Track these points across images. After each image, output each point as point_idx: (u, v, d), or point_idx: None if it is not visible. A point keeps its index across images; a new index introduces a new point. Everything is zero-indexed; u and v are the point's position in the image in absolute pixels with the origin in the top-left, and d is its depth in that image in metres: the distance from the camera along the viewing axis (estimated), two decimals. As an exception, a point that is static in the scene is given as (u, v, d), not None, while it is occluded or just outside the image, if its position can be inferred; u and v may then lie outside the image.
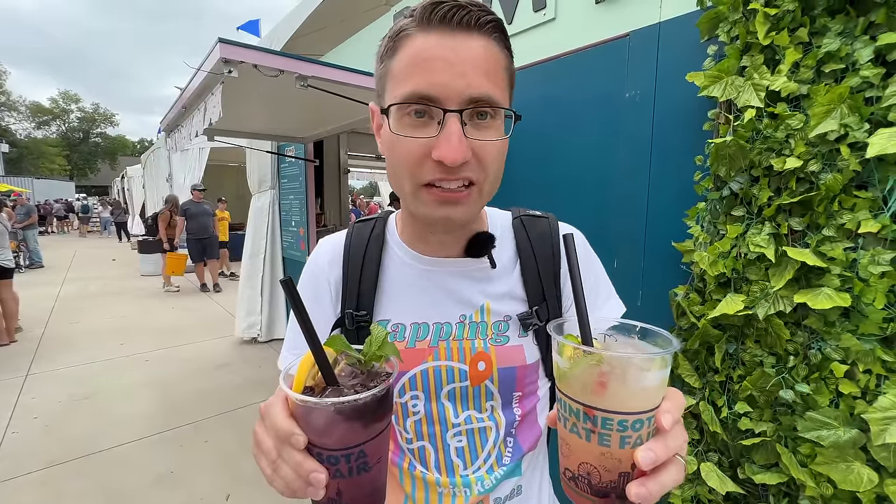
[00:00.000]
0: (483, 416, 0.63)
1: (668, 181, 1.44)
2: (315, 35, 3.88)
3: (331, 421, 0.37)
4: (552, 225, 0.68)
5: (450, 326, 0.63)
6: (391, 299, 0.64)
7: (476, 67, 0.47)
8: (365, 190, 32.02)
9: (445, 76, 0.46)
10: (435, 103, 0.47)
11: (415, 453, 0.64)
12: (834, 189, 1.00)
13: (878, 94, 0.95)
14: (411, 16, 0.49)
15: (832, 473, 0.99)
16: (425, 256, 0.63)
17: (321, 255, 0.69)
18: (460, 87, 0.47)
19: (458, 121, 0.47)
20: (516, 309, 0.64)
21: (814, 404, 1.05)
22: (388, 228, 0.68)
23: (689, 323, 1.29)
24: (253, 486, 2.31)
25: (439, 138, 0.47)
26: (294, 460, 0.38)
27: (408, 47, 0.48)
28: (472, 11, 0.47)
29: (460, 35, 0.47)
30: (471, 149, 0.48)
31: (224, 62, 1.72)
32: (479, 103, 0.48)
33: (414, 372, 0.62)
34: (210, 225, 7.03)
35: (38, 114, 39.02)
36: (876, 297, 0.95)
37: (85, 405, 3.18)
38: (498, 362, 0.62)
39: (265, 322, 4.50)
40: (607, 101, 1.61)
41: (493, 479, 0.64)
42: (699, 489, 1.28)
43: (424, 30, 0.47)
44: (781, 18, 1.08)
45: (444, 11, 0.46)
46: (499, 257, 0.64)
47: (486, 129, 0.50)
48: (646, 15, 1.47)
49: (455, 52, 0.47)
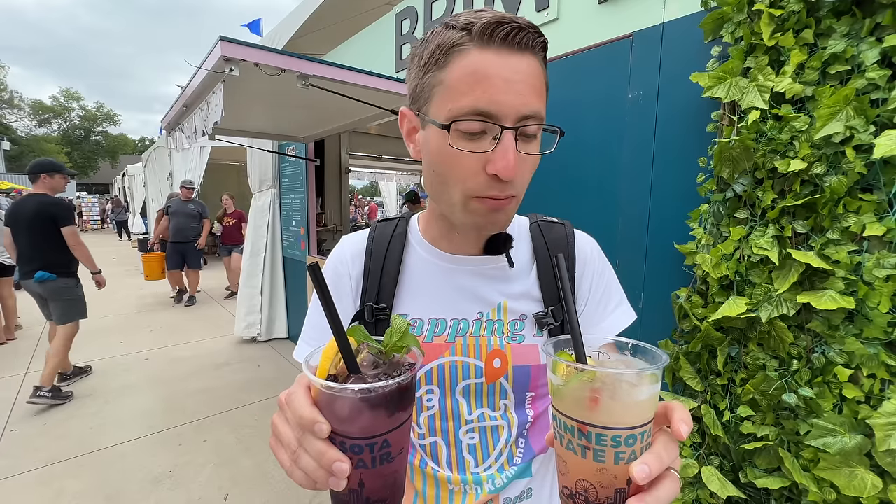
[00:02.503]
0: (496, 415, 0.64)
1: (671, 182, 1.44)
2: (316, 34, 3.88)
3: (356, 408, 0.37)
4: (568, 230, 0.70)
5: (467, 323, 0.64)
6: (410, 294, 0.66)
7: (529, 86, 0.49)
8: (366, 190, 32.02)
9: (504, 94, 0.48)
10: (493, 119, 0.49)
11: (427, 449, 0.65)
12: (839, 191, 0.99)
13: (884, 97, 0.95)
14: (464, 30, 0.49)
15: (835, 479, 0.98)
16: (446, 254, 0.65)
17: (344, 250, 0.71)
18: (517, 105, 0.49)
19: (514, 137, 0.49)
20: (532, 309, 0.65)
21: (817, 408, 1.04)
22: (410, 227, 0.71)
23: (691, 325, 1.28)
24: (252, 485, 2.31)
25: (496, 153, 0.49)
26: (317, 449, 0.37)
27: (464, 61, 0.49)
28: (530, 33, 0.49)
29: (517, 55, 0.49)
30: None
31: (225, 60, 1.72)
32: (530, 120, 0.50)
33: (430, 366, 0.63)
34: (191, 230, 5.99)
35: (39, 111, 39.09)
36: (881, 301, 0.94)
37: (84, 403, 3.17)
38: (513, 360, 0.63)
39: (265, 321, 4.50)
40: (610, 102, 1.60)
41: (503, 479, 0.65)
42: (700, 493, 1.27)
43: (482, 47, 0.49)
44: (786, 19, 1.07)
45: (506, 32, 0.48)
46: (516, 258, 0.66)
47: (530, 143, 0.53)
48: (649, 15, 1.47)
49: (514, 71, 0.49)
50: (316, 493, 2.24)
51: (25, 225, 3.10)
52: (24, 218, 3.09)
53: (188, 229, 5.97)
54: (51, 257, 3.12)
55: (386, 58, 2.83)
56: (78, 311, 3.28)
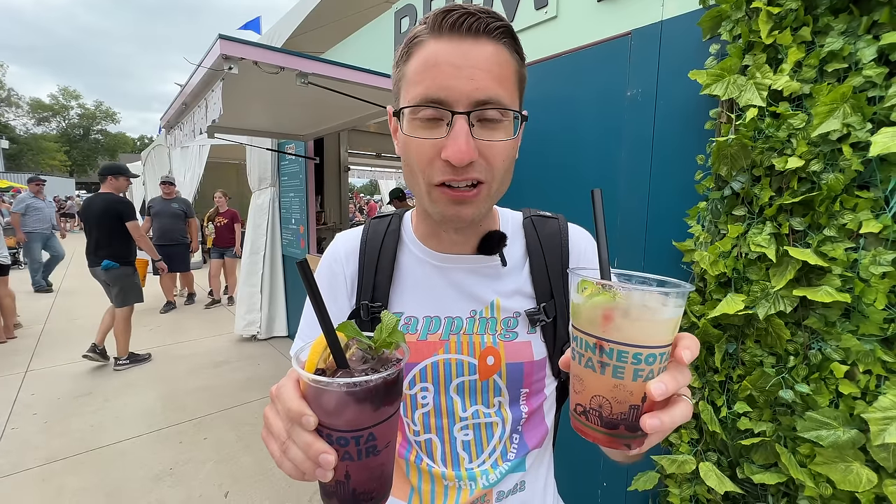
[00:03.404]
0: (490, 412, 0.65)
1: (669, 180, 1.44)
2: (315, 32, 3.87)
3: (342, 402, 0.38)
4: (561, 225, 0.70)
5: (460, 321, 0.64)
6: (405, 293, 0.66)
7: (484, 71, 0.49)
8: (365, 188, 31.99)
9: (453, 79, 0.48)
10: (444, 105, 0.49)
11: (422, 446, 0.66)
12: (835, 189, 1.00)
13: (881, 94, 0.95)
14: (425, 23, 0.51)
15: (831, 473, 0.99)
16: (438, 253, 0.65)
17: (338, 248, 0.71)
18: (468, 90, 0.48)
19: (466, 122, 0.49)
20: (525, 305, 0.65)
21: (813, 404, 1.04)
22: (403, 225, 0.71)
23: (688, 322, 1.29)
24: (252, 482, 2.31)
25: (448, 139, 0.49)
26: (304, 441, 0.38)
27: (420, 53, 0.51)
28: (482, 18, 0.49)
29: (470, 41, 0.49)
30: (478, 149, 0.50)
31: (224, 58, 1.72)
32: (487, 105, 0.50)
33: (424, 364, 0.63)
34: (177, 230, 5.46)
35: (38, 110, 38.99)
36: (877, 298, 0.95)
37: (84, 401, 3.18)
38: (506, 357, 0.63)
39: (264, 320, 4.50)
40: (608, 100, 1.61)
41: (497, 474, 0.65)
42: (698, 489, 1.28)
43: (436, 36, 0.50)
44: (784, 17, 1.07)
45: (454, 18, 0.49)
46: (509, 255, 0.66)
47: (493, 130, 0.52)
48: (648, 13, 1.47)
49: (464, 56, 0.49)
50: (315, 490, 2.25)
51: (95, 220, 3.58)
52: (94, 214, 3.58)
53: (174, 230, 5.44)
54: (115, 248, 3.62)
55: (385, 56, 2.83)
56: (134, 295, 3.81)
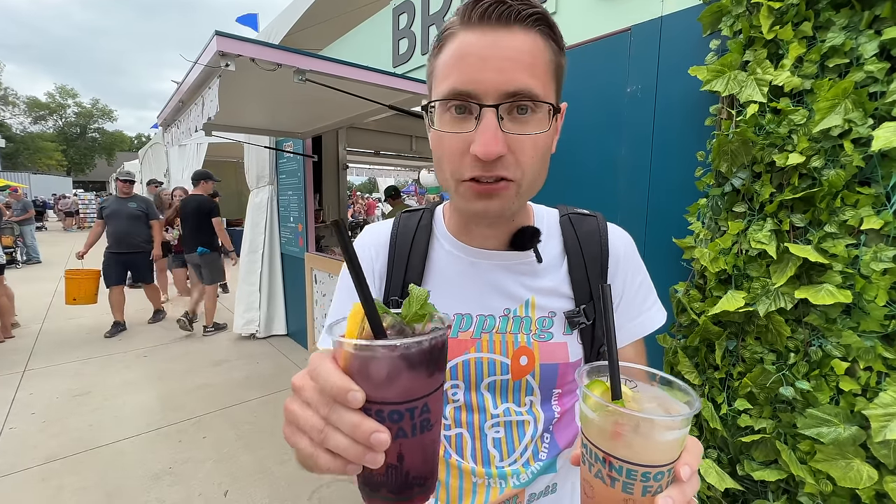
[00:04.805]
0: (522, 410, 0.63)
1: (669, 177, 1.43)
2: (313, 29, 3.85)
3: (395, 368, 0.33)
4: (600, 223, 0.67)
5: (493, 319, 0.62)
6: (436, 289, 0.64)
7: (514, 61, 0.47)
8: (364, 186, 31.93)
9: (482, 71, 0.47)
10: (472, 99, 0.48)
11: (451, 440, 0.64)
12: (836, 185, 0.99)
13: (883, 90, 0.95)
14: (458, 14, 0.50)
15: (832, 470, 0.99)
16: (471, 248, 0.63)
17: (366, 243, 0.68)
18: (497, 82, 0.47)
19: (495, 115, 0.47)
20: (562, 306, 0.63)
21: (814, 401, 1.04)
22: (435, 219, 0.68)
23: (689, 319, 1.29)
24: (251, 481, 2.31)
25: (476, 133, 0.48)
26: (350, 422, 0.32)
27: (450, 45, 0.50)
28: (513, 6, 0.47)
29: (500, 30, 0.47)
30: (508, 143, 0.48)
31: (221, 55, 1.70)
32: (517, 97, 0.47)
33: (456, 362, 0.62)
34: (136, 235, 4.69)
35: (34, 108, 38.79)
36: (878, 294, 0.95)
37: (83, 401, 3.17)
38: (541, 358, 0.61)
39: (263, 318, 4.49)
40: (608, 96, 1.60)
41: (528, 474, 0.64)
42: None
43: (466, 27, 0.48)
44: (785, 12, 1.07)
45: (484, 7, 0.47)
46: (546, 253, 0.64)
47: (525, 123, 0.49)
48: (648, 9, 1.46)
49: (493, 47, 0.47)
50: (316, 487, 2.25)
51: (191, 217, 4.49)
52: (190, 211, 4.50)
53: (132, 235, 4.66)
54: (206, 238, 4.55)
55: (383, 53, 2.81)
56: (220, 275, 4.75)
